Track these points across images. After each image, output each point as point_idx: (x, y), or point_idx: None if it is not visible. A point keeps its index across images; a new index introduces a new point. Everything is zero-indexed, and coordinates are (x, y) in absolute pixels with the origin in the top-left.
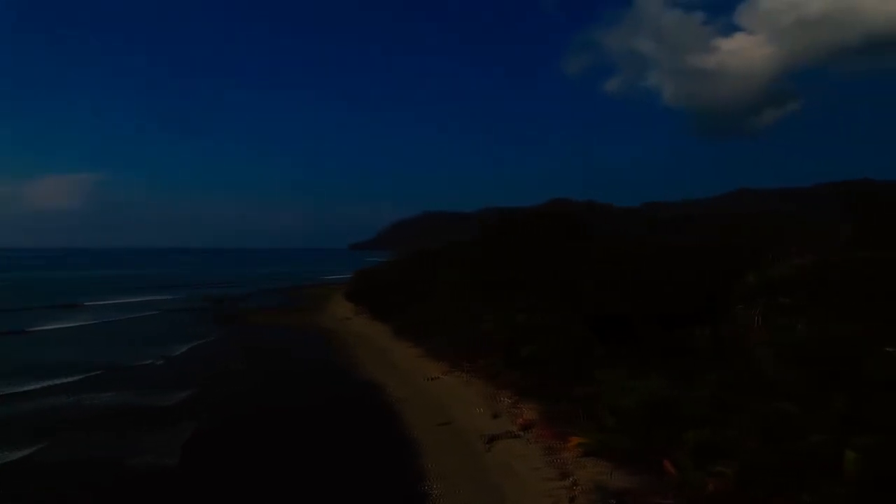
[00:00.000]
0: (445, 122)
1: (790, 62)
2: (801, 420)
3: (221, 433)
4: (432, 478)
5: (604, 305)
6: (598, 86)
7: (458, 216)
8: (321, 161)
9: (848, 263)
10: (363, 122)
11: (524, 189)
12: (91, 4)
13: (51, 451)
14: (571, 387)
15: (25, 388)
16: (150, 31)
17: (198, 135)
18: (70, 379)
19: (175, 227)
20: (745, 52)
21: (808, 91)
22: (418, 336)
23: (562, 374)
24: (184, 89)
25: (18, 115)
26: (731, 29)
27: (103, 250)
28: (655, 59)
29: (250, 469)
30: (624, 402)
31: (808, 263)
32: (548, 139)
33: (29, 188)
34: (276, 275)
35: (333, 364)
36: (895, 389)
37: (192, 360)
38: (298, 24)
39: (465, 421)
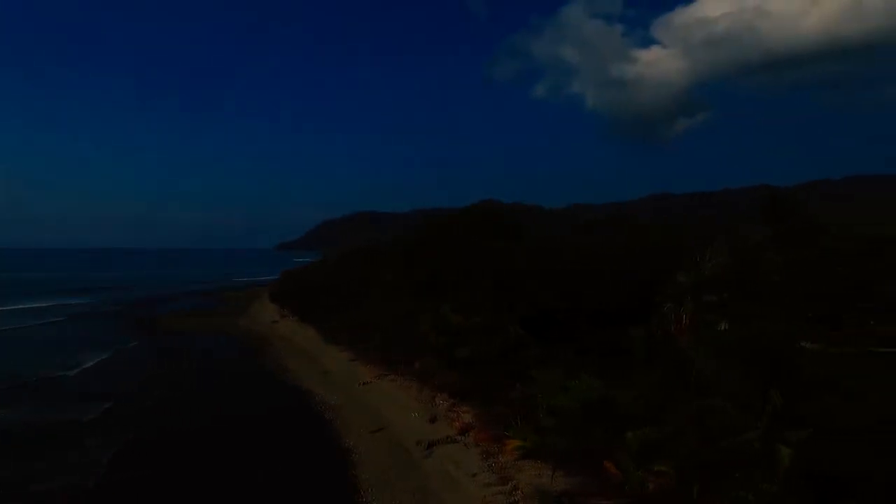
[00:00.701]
0: (376, 124)
1: (700, 75)
2: (735, 417)
3: (141, 451)
4: (368, 489)
5: (539, 305)
6: (526, 91)
7: (388, 216)
8: (245, 159)
9: (767, 263)
10: (291, 122)
11: (455, 190)
12: None
13: None
14: (508, 388)
15: None
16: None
17: (113, 130)
18: None
19: (83, 226)
20: (660, 63)
21: (716, 103)
22: (350, 339)
23: (498, 376)
24: (103, 87)
25: None
26: (647, 42)
27: None
28: (579, 67)
29: (174, 489)
30: (562, 402)
31: (730, 263)
32: (478, 142)
33: None
34: (199, 276)
35: (260, 371)
36: (823, 385)
37: (107, 370)
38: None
39: (401, 426)
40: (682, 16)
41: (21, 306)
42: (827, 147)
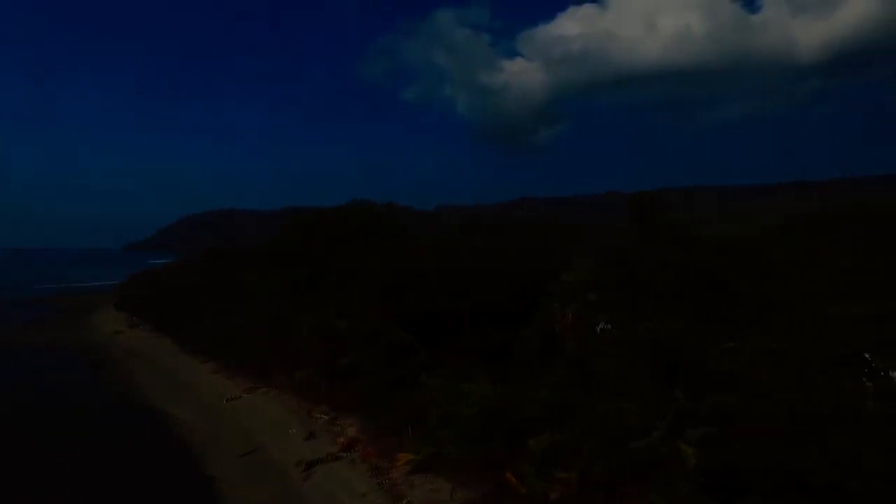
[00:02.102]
0: (241, 116)
1: (559, 88)
2: (640, 418)
3: None
4: None
5: (424, 307)
6: (398, 92)
7: (254, 214)
8: (88, 148)
9: (644, 263)
10: (143, 112)
11: (325, 189)
12: None
13: None
14: (396, 397)
15: None
16: None
17: None
18: None
19: None
20: (524, 75)
21: (573, 115)
22: (214, 349)
23: (385, 384)
24: None
25: None
26: (513, 53)
27: None
28: (450, 72)
29: None
30: (457, 409)
31: (608, 262)
32: (348, 141)
33: None
34: (28, 281)
35: (102, 391)
36: (727, 381)
37: None
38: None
39: (276, 446)
40: (543, 32)
41: None
42: (666, 159)
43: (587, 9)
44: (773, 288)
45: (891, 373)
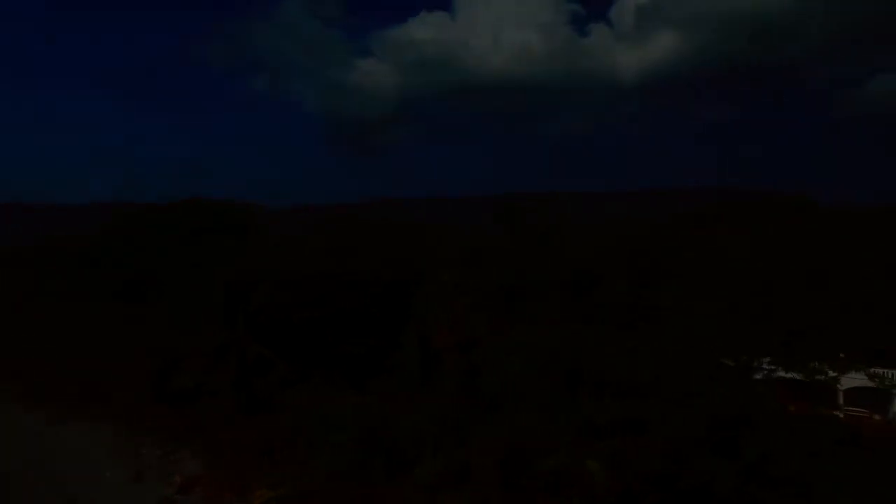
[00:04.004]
0: (43, 98)
1: (411, 90)
2: (540, 434)
3: None
4: None
5: (281, 315)
6: (244, 81)
7: (50, 208)
8: None
9: (519, 264)
10: None
11: (152, 181)
12: None
13: None
14: (249, 421)
15: None
16: None
17: None
18: None
19: None
20: (376, 75)
21: (424, 117)
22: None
23: (234, 406)
24: None
25: None
26: (365, 52)
27: None
28: (298, 65)
29: None
30: (325, 434)
31: (482, 263)
32: (183, 130)
33: None
34: None
35: None
36: (629, 389)
37: None
38: None
39: (89, 495)
40: (395, 33)
41: None
42: (511, 165)
43: (438, 15)
44: (649, 289)
45: (782, 373)
